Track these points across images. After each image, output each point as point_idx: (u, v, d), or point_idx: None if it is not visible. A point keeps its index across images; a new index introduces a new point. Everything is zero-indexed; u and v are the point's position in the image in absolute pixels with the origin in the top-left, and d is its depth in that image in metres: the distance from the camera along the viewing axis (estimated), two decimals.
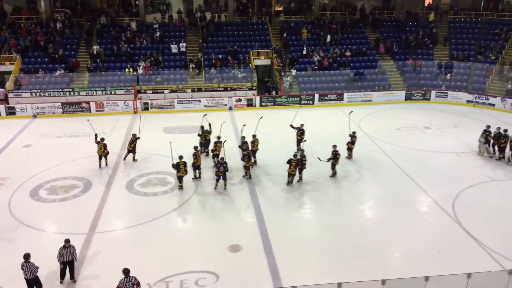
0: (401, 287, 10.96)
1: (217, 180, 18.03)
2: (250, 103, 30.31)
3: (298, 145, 21.13)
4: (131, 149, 20.86)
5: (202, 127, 21.39)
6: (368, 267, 13.09)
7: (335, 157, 18.87)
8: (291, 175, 18.24)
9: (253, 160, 19.81)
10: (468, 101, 30.85)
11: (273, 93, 31.52)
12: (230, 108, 29.74)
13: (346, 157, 20.74)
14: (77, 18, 35.83)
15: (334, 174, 19.17)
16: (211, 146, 20.64)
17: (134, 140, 20.84)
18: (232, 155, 20.14)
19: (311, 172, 19.55)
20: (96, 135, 20.89)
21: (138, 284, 10.94)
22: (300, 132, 21.27)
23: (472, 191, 17.92)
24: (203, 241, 14.55)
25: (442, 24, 37.49)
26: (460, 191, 17.81)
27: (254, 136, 20.50)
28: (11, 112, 28.41)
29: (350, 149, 20.86)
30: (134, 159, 21.03)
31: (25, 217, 16.00)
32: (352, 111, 21.95)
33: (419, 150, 22.11)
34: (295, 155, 18.21)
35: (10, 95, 29.12)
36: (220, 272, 12.87)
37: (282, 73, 31.92)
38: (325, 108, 30.33)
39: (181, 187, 18.01)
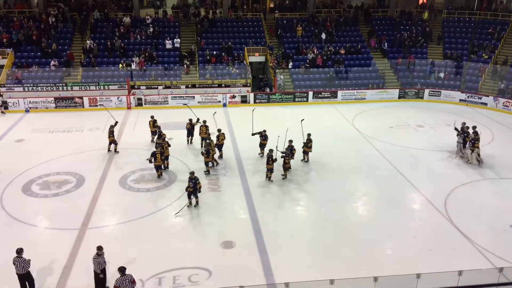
0: (393, 284, 11.04)
1: (189, 197, 16.41)
2: (244, 100, 30.29)
3: (262, 150, 20.71)
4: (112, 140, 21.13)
5: (190, 119, 21.76)
6: (360, 264, 13.17)
7: (290, 152, 18.90)
8: (269, 170, 18.35)
9: (218, 154, 20.39)
10: (461, 100, 31.04)
11: (267, 90, 31.52)
12: (224, 105, 29.70)
13: (302, 160, 20.33)
14: (70, 12, 35.53)
15: (288, 168, 18.97)
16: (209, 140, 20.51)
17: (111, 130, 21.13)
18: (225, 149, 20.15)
19: (304, 170, 19.62)
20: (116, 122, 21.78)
21: (133, 282, 10.93)
22: (263, 137, 20.44)
23: (464, 189, 18.07)
24: (196, 237, 14.56)
25: (436, 23, 37.65)
26: (452, 189, 17.94)
27: (219, 130, 20.66)
28: (4, 106, 28.14)
29: (306, 153, 20.32)
30: (115, 151, 21.28)
31: (17, 212, 15.92)
32: (303, 119, 21.23)
33: (411, 148, 22.23)
34: (271, 150, 18.24)
35: (2, 89, 28.87)
36: (213, 268, 12.90)
37: (277, 70, 31.90)
38: (319, 105, 30.37)
39: (160, 175, 18.55)
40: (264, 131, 20.41)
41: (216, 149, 20.19)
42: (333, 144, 22.87)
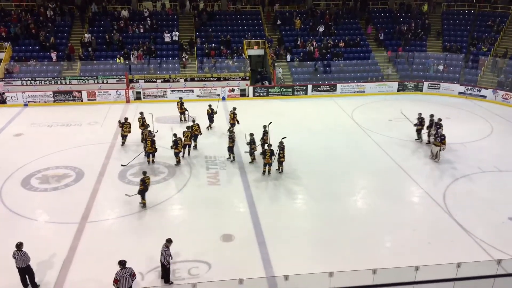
0: (392, 276, 11.08)
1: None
2: (243, 93, 30.23)
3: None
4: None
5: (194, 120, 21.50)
6: (359, 257, 13.22)
7: (253, 143, 19.15)
8: (266, 164, 18.35)
9: (193, 145, 20.78)
10: (460, 92, 31.02)
11: (266, 83, 31.46)
12: (223, 98, 29.65)
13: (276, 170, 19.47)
14: (68, 5, 35.34)
15: (252, 160, 19.50)
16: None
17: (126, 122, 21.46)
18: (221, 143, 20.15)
19: (302, 163, 19.64)
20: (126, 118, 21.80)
21: (133, 275, 10.97)
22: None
23: (463, 182, 18.10)
24: (196, 231, 14.59)
25: (435, 16, 37.53)
26: (451, 182, 17.98)
27: (193, 121, 20.97)
28: (1, 100, 28.11)
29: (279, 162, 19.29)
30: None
31: (16, 206, 15.93)
32: (271, 122, 20.79)
33: (410, 141, 22.24)
34: (269, 145, 18.22)
35: (0, 83, 28.79)
36: (212, 261, 12.95)
37: (275, 63, 31.83)
38: (318, 99, 30.34)
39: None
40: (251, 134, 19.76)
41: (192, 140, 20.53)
42: (332, 137, 22.88)
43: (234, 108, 22.94)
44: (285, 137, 18.92)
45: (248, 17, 36.39)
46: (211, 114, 23.74)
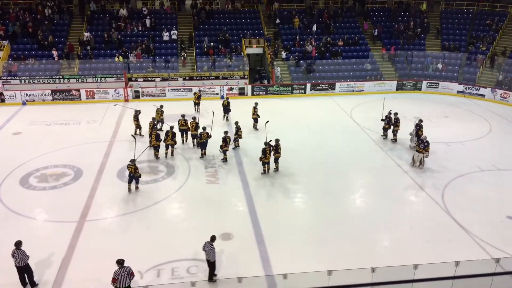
0: (391, 275, 11.08)
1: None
2: (242, 92, 30.22)
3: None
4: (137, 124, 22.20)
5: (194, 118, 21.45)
6: (358, 256, 13.23)
7: (224, 141, 19.38)
8: (265, 163, 18.34)
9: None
10: (458, 91, 31.04)
11: (265, 82, 31.45)
12: (222, 97, 29.61)
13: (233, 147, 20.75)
14: (66, 4, 35.26)
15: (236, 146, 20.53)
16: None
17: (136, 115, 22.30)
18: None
19: (301, 161, 19.65)
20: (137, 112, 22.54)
21: (132, 274, 10.96)
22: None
23: (462, 180, 18.12)
24: (195, 229, 14.57)
25: (434, 14, 37.54)
26: (449, 181, 18.00)
27: (183, 115, 21.64)
28: (0, 99, 28.07)
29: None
30: (140, 134, 22.29)
31: (15, 205, 15.91)
32: (268, 121, 20.55)
33: (409, 140, 22.21)
34: (266, 143, 18.16)
35: None
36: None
37: (274, 62, 31.81)
38: (317, 97, 30.34)
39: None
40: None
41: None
42: (330, 136, 22.89)
43: (256, 104, 23.56)
44: (267, 121, 19.52)
45: (247, 16, 36.37)
46: (227, 106, 24.93)
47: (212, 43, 32.82)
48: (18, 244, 11.53)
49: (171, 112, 25.80)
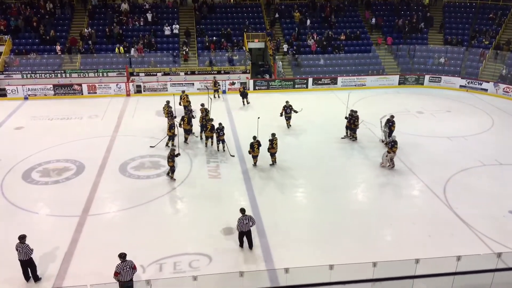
0: (392, 269, 11.11)
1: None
2: (244, 86, 30.09)
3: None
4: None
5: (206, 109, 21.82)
6: (359, 250, 13.25)
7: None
8: (254, 156, 18.52)
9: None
10: (461, 86, 30.94)
11: (267, 76, 31.38)
12: (224, 92, 29.59)
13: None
14: None
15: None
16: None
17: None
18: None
19: (303, 156, 19.65)
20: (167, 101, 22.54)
21: (134, 268, 11.00)
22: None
23: (464, 175, 18.09)
24: (196, 223, 14.62)
25: (437, 8, 37.34)
26: (451, 175, 17.97)
27: (202, 105, 21.91)
28: (1, 94, 28.08)
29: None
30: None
31: (17, 199, 15.97)
32: (259, 117, 20.18)
33: (411, 135, 22.21)
34: (254, 137, 18.29)
35: (0, 76, 28.75)
36: (213, 254, 12.98)
37: (276, 57, 31.74)
38: (319, 92, 30.28)
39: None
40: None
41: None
42: (332, 130, 22.82)
43: (287, 102, 22.92)
44: (259, 117, 19.58)
45: (248, 10, 36.23)
46: (243, 91, 26.53)
47: (214, 37, 32.73)
48: (22, 238, 11.56)
49: (174, 106, 25.79)
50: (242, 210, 13.10)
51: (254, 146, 18.23)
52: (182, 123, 20.64)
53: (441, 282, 10.95)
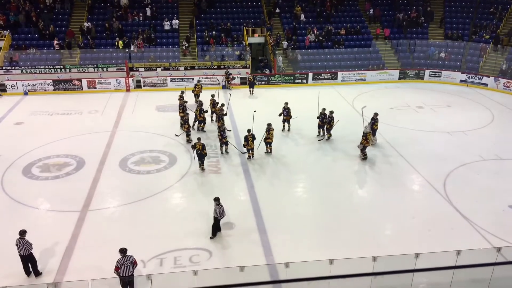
0: (392, 263, 11.12)
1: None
2: (243, 82, 30.10)
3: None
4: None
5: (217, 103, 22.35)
6: (359, 244, 13.28)
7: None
8: (249, 149, 18.80)
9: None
10: (461, 80, 30.90)
11: (267, 71, 31.33)
12: (224, 87, 29.54)
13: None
14: None
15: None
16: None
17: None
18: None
19: (303, 151, 19.64)
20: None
21: (135, 263, 11.03)
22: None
23: (464, 170, 18.10)
24: (197, 218, 14.63)
25: (438, 3, 37.20)
26: (451, 170, 17.98)
27: (212, 95, 22.89)
28: (1, 89, 28.04)
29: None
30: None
31: (18, 194, 15.98)
32: (255, 111, 20.30)
33: (411, 130, 22.20)
34: (249, 130, 18.44)
35: (0, 71, 28.71)
36: (213, 249, 13.02)
37: (276, 51, 31.67)
38: (319, 87, 30.21)
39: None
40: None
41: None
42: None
43: (286, 103, 21.96)
44: (255, 110, 19.94)
45: (248, 5, 36.09)
46: (252, 81, 28.08)
47: (213, 32, 32.64)
48: (22, 233, 11.58)
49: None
50: (217, 199, 13.50)
51: (249, 139, 18.37)
52: (198, 114, 21.32)
53: (441, 276, 10.98)
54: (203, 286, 9.27)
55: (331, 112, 20.63)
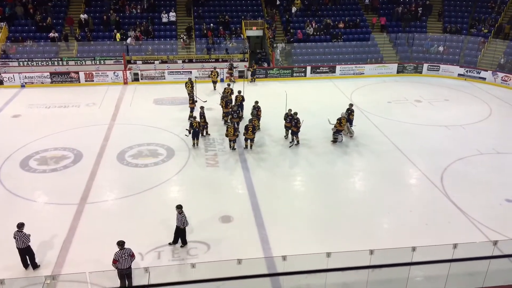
0: (389, 257, 11.17)
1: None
2: (241, 75, 30.03)
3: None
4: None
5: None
6: (356, 238, 13.33)
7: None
8: (247, 139, 19.09)
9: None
10: (459, 74, 30.88)
11: (265, 65, 31.24)
12: (222, 80, 29.45)
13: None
14: None
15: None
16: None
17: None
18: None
19: (301, 145, 19.64)
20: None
21: (132, 255, 11.05)
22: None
23: (461, 164, 18.15)
24: (195, 211, 14.61)
25: None
26: (448, 164, 18.03)
27: (228, 84, 23.51)
28: None
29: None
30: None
31: (15, 187, 15.96)
32: (257, 101, 20.87)
33: (409, 123, 22.22)
34: (250, 120, 18.88)
35: None
36: (211, 242, 13.05)
37: (274, 44, 31.56)
38: (317, 80, 30.19)
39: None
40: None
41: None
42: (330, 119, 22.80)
43: (290, 110, 20.21)
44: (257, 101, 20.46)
45: None
46: (254, 70, 29.40)
47: (211, 25, 32.49)
48: (20, 226, 11.59)
49: (171, 95, 25.75)
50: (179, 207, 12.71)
51: (249, 129, 18.60)
52: (223, 106, 21.67)
53: (438, 269, 11.04)
54: (201, 278, 9.29)
55: (295, 113, 19.45)
